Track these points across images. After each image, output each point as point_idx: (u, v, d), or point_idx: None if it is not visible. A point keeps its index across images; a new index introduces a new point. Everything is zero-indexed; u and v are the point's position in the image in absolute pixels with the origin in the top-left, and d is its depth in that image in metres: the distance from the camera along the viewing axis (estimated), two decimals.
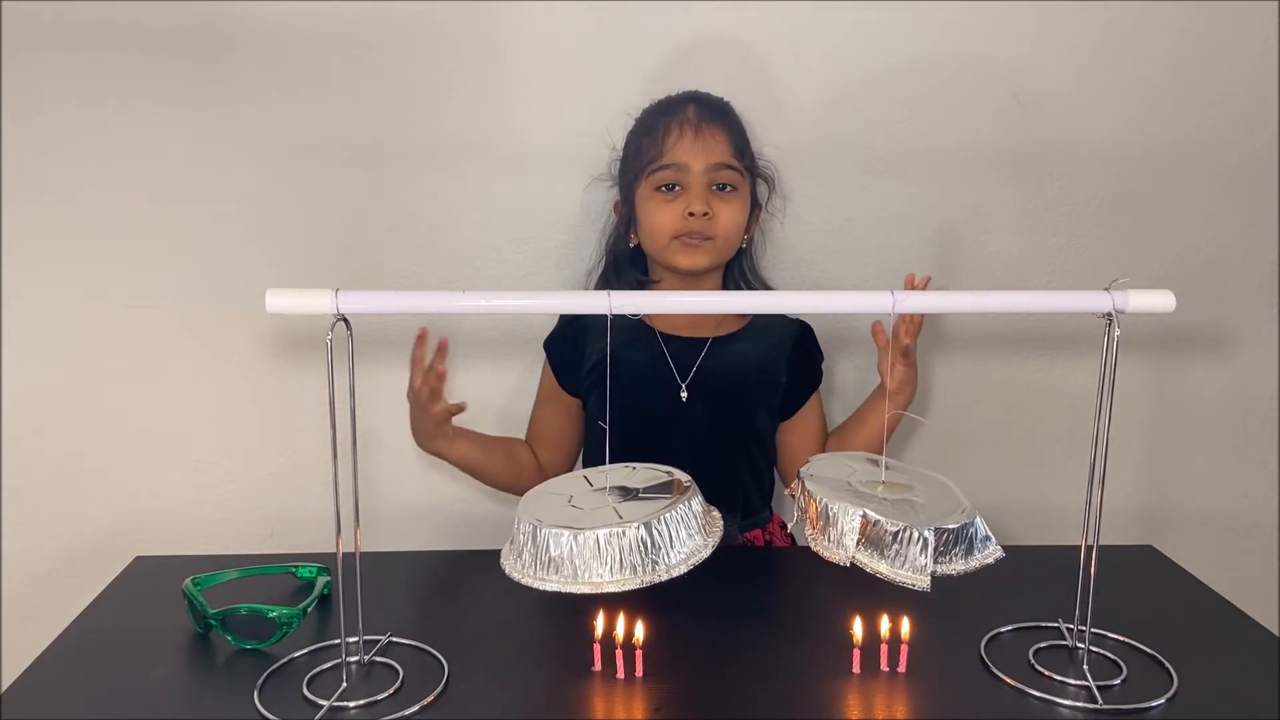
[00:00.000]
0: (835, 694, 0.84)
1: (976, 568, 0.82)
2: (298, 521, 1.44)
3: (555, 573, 0.79)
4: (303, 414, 1.41)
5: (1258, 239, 1.47)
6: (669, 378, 1.21)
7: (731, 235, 1.20)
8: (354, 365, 0.80)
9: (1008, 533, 1.47)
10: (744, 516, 1.25)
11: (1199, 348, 1.50)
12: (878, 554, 0.81)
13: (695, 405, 1.20)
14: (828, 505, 0.84)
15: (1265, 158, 1.44)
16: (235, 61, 1.32)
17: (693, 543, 0.82)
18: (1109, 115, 1.41)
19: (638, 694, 0.84)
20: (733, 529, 1.23)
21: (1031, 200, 1.44)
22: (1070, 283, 1.45)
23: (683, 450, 1.16)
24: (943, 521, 0.81)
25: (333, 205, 1.37)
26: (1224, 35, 1.40)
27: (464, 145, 1.36)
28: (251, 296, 0.85)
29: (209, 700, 0.85)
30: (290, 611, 0.92)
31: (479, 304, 0.84)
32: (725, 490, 1.19)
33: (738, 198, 1.20)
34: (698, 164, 1.16)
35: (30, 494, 1.41)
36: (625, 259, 1.27)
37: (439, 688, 0.84)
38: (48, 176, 1.34)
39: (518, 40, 1.34)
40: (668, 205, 1.18)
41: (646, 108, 1.24)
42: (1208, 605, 1.02)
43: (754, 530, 1.26)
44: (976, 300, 0.88)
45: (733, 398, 1.22)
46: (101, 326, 1.38)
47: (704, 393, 1.21)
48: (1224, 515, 1.55)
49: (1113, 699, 0.83)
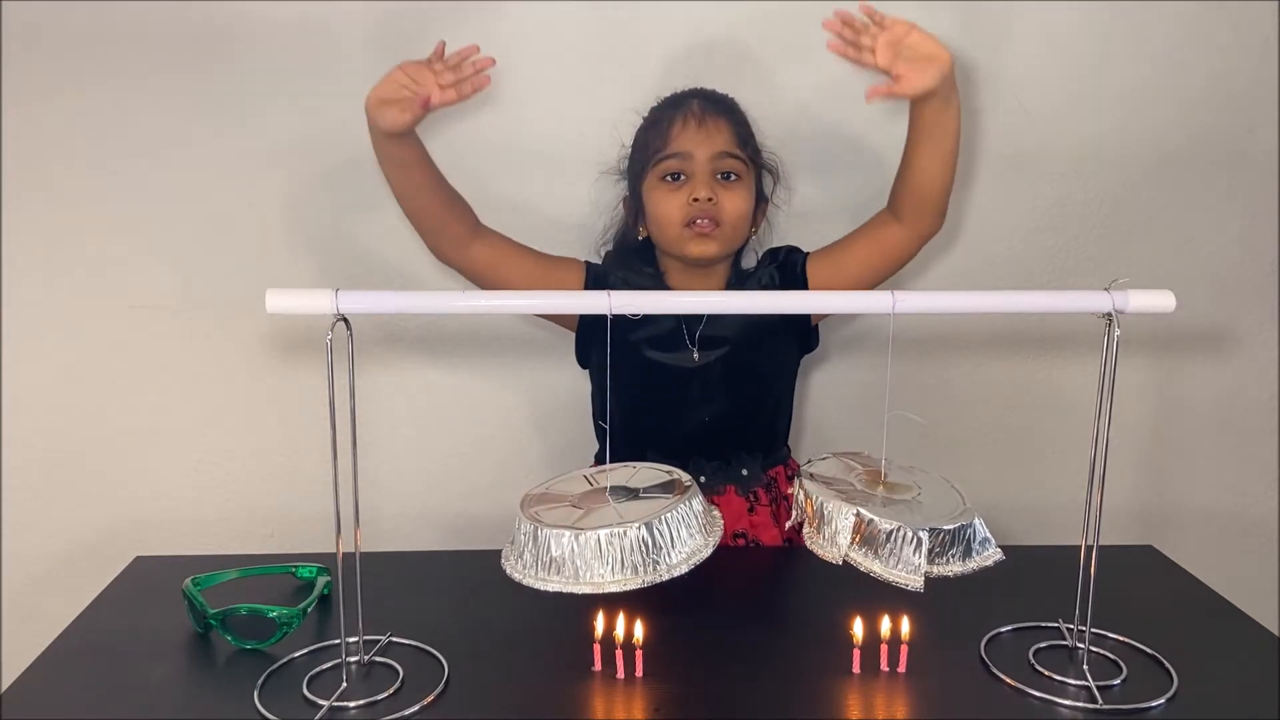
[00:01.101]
0: (835, 694, 0.84)
1: (974, 570, 0.82)
2: (298, 521, 1.44)
3: (557, 573, 0.79)
4: (303, 414, 1.41)
5: (1258, 239, 1.47)
6: (678, 333, 1.22)
7: (738, 222, 1.20)
8: (354, 365, 0.80)
9: (1008, 533, 1.47)
10: (765, 456, 1.27)
11: (1199, 348, 1.50)
12: (871, 553, 0.81)
13: (707, 357, 1.22)
14: (823, 504, 0.84)
15: (1265, 158, 1.44)
16: (235, 62, 1.32)
17: (694, 542, 0.82)
18: (1109, 115, 1.41)
19: (638, 694, 0.84)
20: (755, 469, 1.25)
21: (1031, 200, 1.44)
22: (1070, 283, 1.45)
23: (696, 400, 1.21)
24: (940, 523, 0.81)
25: (333, 205, 1.37)
26: (1224, 35, 1.40)
27: (464, 145, 1.36)
28: (252, 296, 0.85)
29: (209, 700, 0.85)
30: (290, 611, 0.92)
31: (479, 304, 0.85)
32: (743, 434, 1.24)
33: (742, 186, 1.21)
34: (701, 152, 1.18)
35: (30, 494, 1.41)
36: (632, 252, 1.28)
37: (439, 688, 0.84)
38: (48, 176, 1.34)
39: (518, 40, 1.34)
40: (673, 194, 1.19)
41: (653, 105, 1.25)
42: (1208, 605, 1.02)
43: (776, 467, 1.27)
44: (976, 300, 0.87)
45: (743, 346, 1.23)
46: (102, 327, 1.38)
47: (714, 345, 1.22)
48: (1224, 515, 1.55)
49: (1113, 699, 0.83)
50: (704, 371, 1.22)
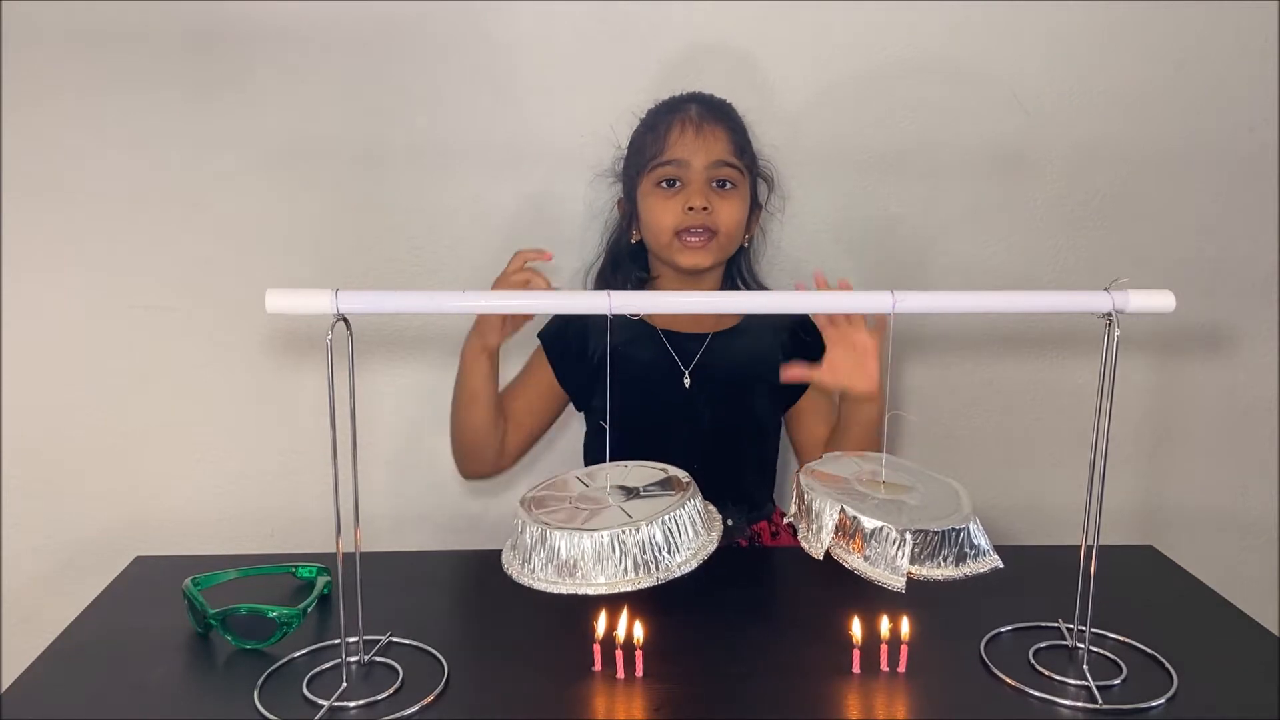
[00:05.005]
0: (835, 694, 0.84)
1: (966, 576, 0.81)
2: (298, 521, 1.44)
3: (569, 575, 0.79)
4: (303, 414, 1.41)
5: (1258, 239, 1.47)
6: (671, 374, 1.22)
7: (732, 231, 1.20)
8: (354, 365, 0.80)
9: (1008, 533, 1.48)
10: (750, 509, 1.26)
11: (1199, 348, 1.50)
12: (855, 550, 0.81)
13: (698, 400, 1.22)
14: (812, 500, 0.84)
15: (1265, 158, 1.44)
16: (236, 62, 1.32)
17: (699, 539, 0.82)
18: (1109, 115, 1.41)
19: (638, 694, 0.84)
20: (740, 522, 1.24)
21: (1031, 200, 1.44)
22: (1070, 283, 1.45)
23: (688, 445, 1.18)
24: (929, 525, 0.80)
25: (333, 205, 1.37)
26: (1224, 35, 1.40)
27: (464, 145, 1.36)
28: (251, 296, 0.85)
29: (209, 700, 0.85)
30: (290, 611, 0.92)
31: (479, 304, 0.85)
32: (731, 484, 1.21)
33: (737, 195, 1.20)
34: (698, 160, 1.17)
35: (30, 494, 1.41)
36: (625, 255, 1.28)
37: (439, 688, 0.84)
38: (48, 177, 1.34)
39: (518, 40, 1.34)
40: (668, 201, 1.18)
41: (651, 107, 1.25)
42: (1208, 605, 1.02)
43: (760, 523, 1.27)
44: (976, 300, 0.87)
45: (735, 391, 1.23)
46: (102, 326, 1.38)
47: (706, 387, 1.22)
48: (1224, 515, 1.55)
49: (1113, 699, 0.83)
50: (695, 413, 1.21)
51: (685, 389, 1.21)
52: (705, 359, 1.22)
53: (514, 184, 1.38)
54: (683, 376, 1.22)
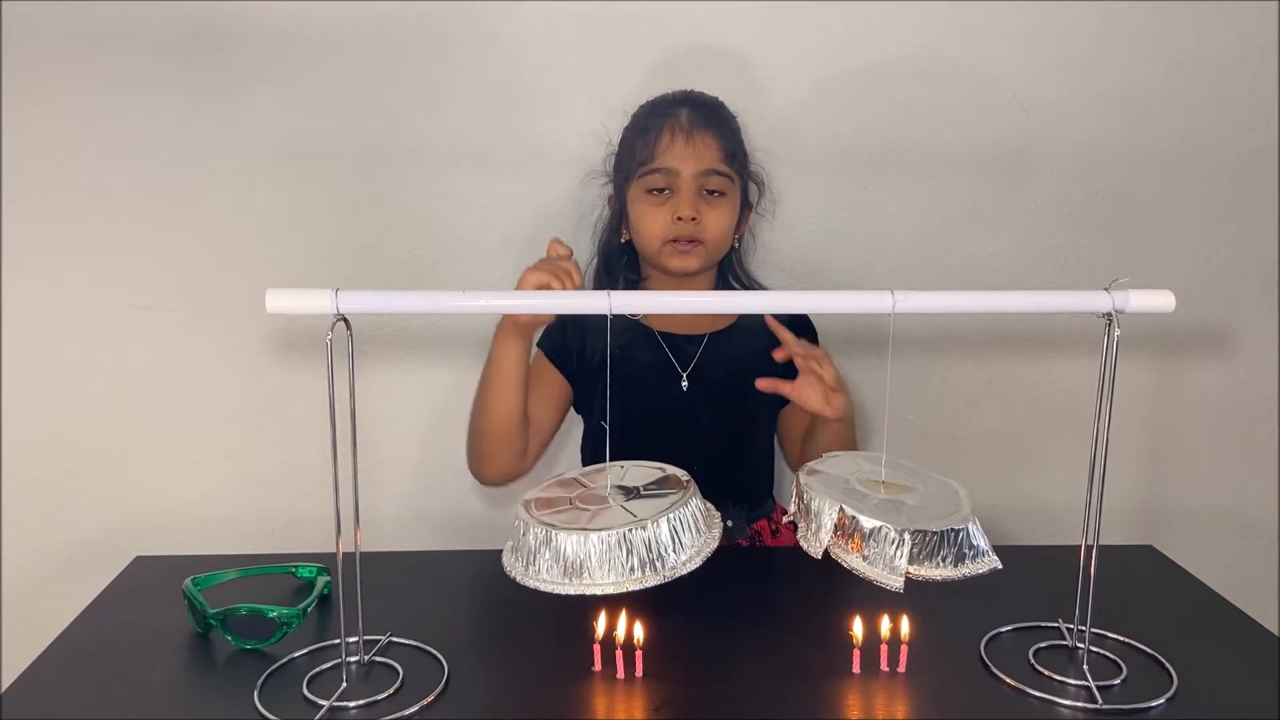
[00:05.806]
0: (835, 694, 0.84)
1: (964, 576, 0.81)
2: (298, 521, 1.44)
3: (576, 576, 0.79)
4: (303, 414, 1.41)
5: (1258, 239, 1.47)
6: (670, 375, 1.22)
7: (720, 239, 1.20)
8: (354, 365, 0.80)
9: (1008, 533, 1.48)
10: (750, 508, 1.26)
11: (1199, 348, 1.50)
12: (853, 550, 0.81)
13: (697, 401, 1.22)
14: (811, 500, 0.84)
15: (1265, 158, 1.44)
16: (236, 61, 1.32)
17: (702, 537, 0.82)
18: (1109, 115, 1.41)
19: (638, 694, 0.84)
20: (741, 522, 1.24)
21: (1031, 200, 1.44)
22: (1070, 283, 1.45)
23: (688, 446, 1.18)
24: (928, 525, 0.80)
25: (333, 205, 1.37)
26: (1224, 35, 1.40)
27: (464, 145, 1.36)
28: (252, 297, 0.85)
29: (209, 700, 0.85)
30: (290, 611, 0.92)
31: (479, 304, 0.84)
32: (731, 483, 1.21)
33: (726, 203, 1.20)
34: (688, 169, 1.17)
35: (30, 494, 1.41)
36: (616, 256, 1.28)
37: (439, 688, 0.84)
38: (48, 176, 1.34)
39: (517, 40, 1.34)
40: (657, 209, 1.18)
41: (642, 105, 1.24)
42: (1208, 605, 1.02)
43: (760, 521, 1.27)
44: (976, 300, 0.87)
45: (733, 390, 1.23)
46: (102, 326, 1.38)
47: (704, 388, 1.22)
48: (1224, 515, 1.55)
49: (1113, 699, 0.83)
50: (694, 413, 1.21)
51: (684, 390, 1.21)
52: (703, 360, 1.23)
53: (514, 184, 1.38)
54: (680, 378, 1.22)
